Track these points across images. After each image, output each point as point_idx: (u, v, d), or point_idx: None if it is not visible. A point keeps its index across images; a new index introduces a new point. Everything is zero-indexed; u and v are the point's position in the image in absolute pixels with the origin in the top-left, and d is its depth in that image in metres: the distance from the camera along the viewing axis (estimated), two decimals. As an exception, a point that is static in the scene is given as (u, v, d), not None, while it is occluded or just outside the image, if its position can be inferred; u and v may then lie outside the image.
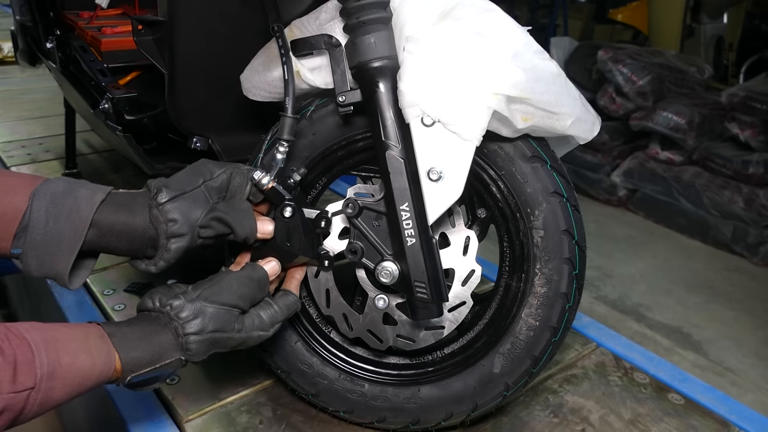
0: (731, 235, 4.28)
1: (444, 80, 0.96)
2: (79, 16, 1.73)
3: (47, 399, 0.76)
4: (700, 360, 3.43)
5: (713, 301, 3.93)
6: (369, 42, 0.99)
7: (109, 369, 0.84)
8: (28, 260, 0.86)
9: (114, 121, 1.30)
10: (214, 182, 0.97)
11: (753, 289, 4.04)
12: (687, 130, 4.43)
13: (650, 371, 1.40)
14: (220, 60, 1.19)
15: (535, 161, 1.06)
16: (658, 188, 4.57)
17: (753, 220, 4.18)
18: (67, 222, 0.86)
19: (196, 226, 0.93)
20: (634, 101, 4.67)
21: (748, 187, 4.22)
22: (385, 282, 1.04)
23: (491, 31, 0.98)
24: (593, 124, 1.04)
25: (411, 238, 1.00)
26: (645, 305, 3.83)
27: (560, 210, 1.07)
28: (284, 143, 1.02)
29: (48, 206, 0.85)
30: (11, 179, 0.87)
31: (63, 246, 0.86)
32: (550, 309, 1.08)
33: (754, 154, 4.26)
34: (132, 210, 0.91)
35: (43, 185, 0.87)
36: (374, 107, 1.00)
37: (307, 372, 1.17)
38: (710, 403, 1.32)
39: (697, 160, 4.50)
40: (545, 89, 0.98)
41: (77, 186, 0.89)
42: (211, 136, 1.27)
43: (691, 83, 4.89)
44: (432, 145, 0.97)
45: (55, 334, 0.79)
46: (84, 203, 0.87)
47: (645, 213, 4.71)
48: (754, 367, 3.44)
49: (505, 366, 1.10)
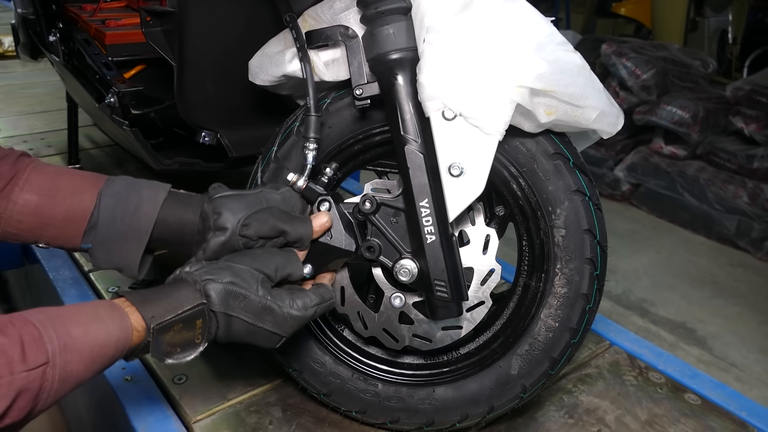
0: (735, 230, 4.26)
1: (466, 72, 0.93)
2: (82, 8, 1.69)
3: (67, 374, 0.72)
4: (704, 355, 3.42)
5: (717, 297, 3.91)
6: (387, 33, 0.95)
7: (126, 334, 0.80)
8: (98, 254, 0.94)
9: (120, 116, 1.26)
10: (275, 194, 0.97)
11: (757, 284, 4.02)
12: (691, 125, 4.39)
13: (665, 370, 1.38)
14: (230, 52, 1.16)
15: (558, 158, 1.03)
16: (662, 183, 4.53)
17: (757, 215, 4.15)
18: (132, 220, 0.92)
19: (239, 224, 0.92)
20: (638, 95, 4.63)
21: (752, 181, 4.19)
22: (404, 281, 1.01)
23: (514, 22, 0.95)
24: (617, 117, 1.01)
25: (431, 235, 0.97)
26: (649, 300, 3.81)
27: (582, 209, 1.04)
28: (312, 141, 1.00)
29: (115, 205, 0.92)
30: (78, 179, 0.95)
31: (130, 241, 0.93)
32: (570, 310, 1.05)
33: (759, 149, 4.23)
34: (186, 205, 0.96)
35: (109, 185, 0.94)
36: (393, 100, 0.97)
37: (320, 371, 1.14)
38: (727, 404, 1.30)
39: (701, 154, 4.47)
40: (570, 81, 0.95)
41: (140, 185, 0.95)
42: (220, 131, 1.23)
43: (695, 77, 4.85)
44: (453, 140, 0.94)
45: (60, 311, 0.77)
46: (148, 201, 0.93)
47: (648, 208, 4.68)
48: (759, 363, 3.43)
49: (522, 367, 1.08)
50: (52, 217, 0.92)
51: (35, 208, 0.91)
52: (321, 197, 1.00)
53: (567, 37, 4.25)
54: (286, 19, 1.04)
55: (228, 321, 0.87)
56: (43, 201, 0.92)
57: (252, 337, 0.90)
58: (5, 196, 0.91)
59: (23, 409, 0.69)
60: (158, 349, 0.83)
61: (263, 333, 0.90)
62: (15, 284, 2.59)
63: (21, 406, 0.68)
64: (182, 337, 0.84)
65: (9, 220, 0.92)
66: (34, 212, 0.91)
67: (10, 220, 0.92)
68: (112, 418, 1.29)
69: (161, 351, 0.83)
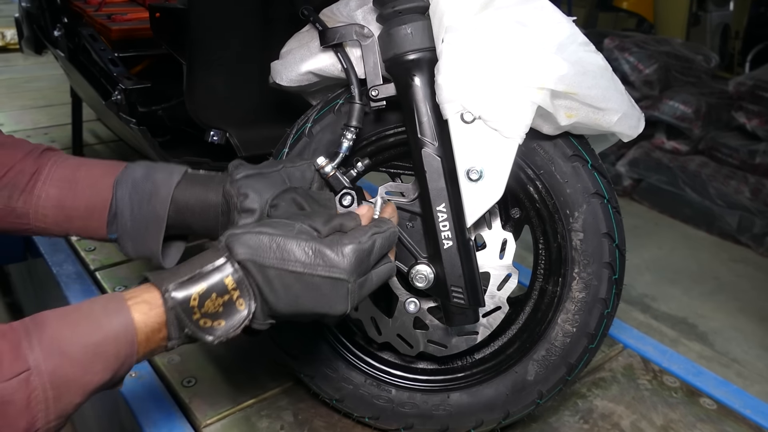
0: (737, 226, 4.25)
1: (485, 74, 0.91)
2: (87, 2, 1.66)
3: (60, 379, 0.65)
4: (705, 351, 3.40)
5: (719, 292, 3.90)
6: (405, 33, 0.93)
7: (127, 327, 0.70)
8: (125, 243, 0.92)
9: (127, 113, 1.24)
10: (296, 170, 0.92)
11: (759, 280, 4.02)
12: (693, 120, 4.37)
13: (679, 374, 1.36)
14: (241, 50, 1.13)
15: (576, 160, 1.01)
16: (664, 178, 4.52)
17: (759, 211, 4.13)
18: (149, 206, 0.90)
19: (267, 205, 0.86)
20: (641, 90, 4.60)
21: (754, 177, 4.17)
22: (420, 287, 0.99)
23: (535, 22, 0.93)
24: (639, 120, 0.99)
25: (448, 240, 0.95)
26: (650, 296, 3.80)
27: (601, 212, 1.02)
28: (352, 130, 0.96)
29: (131, 193, 0.90)
30: (97, 169, 0.93)
31: (150, 229, 0.90)
32: (588, 315, 1.04)
33: (761, 144, 4.21)
34: (207, 186, 0.92)
35: (124, 173, 0.92)
36: (410, 102, 0.95)
37: (332, 376, 1.12)
38: (743, 408, 1.28)
39: (704, 149, 4.45)
40: (592, 83, 0.92)
41: (155, 170, 0.92)
42: (230, 130, 1.21)
43: (697, 72, 4.82)
44: (472, 144, 0.92)
45: (53, 313, 0.69)
46: (162, 186, 0.90)
47: (650, 203, 4.66)
48: (760, 358, 3.42)
49: (539, 373, 1.06)
50: (74, 208, 0.91)
51: (57, 201, 0.91)
52: (345, 190, 0.95)
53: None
54: (304, 13, 1.01)
55: (266, 274, 0.73)
56: (64, 193, 0.91)
57: (311, 294, 0.75)
58: (30, 191, 0.91)
59: (19, 421, 0.62)
60: (194, 324, 0.72)
61: (321, 285, 0.75)
62: (17, 277, 2.57)
63: (12, 420, 0.62)
64: (218, 305, 0.72)
65: (36, 215, 0.92)
66: (57, 206, 0.91)
67: (36, 215, 0.92)
68: (120, 422, 1.27)
69: (198, 327, 0.72)
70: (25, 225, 0.94)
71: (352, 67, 0.97)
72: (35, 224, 0.93)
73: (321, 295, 0.76)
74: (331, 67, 1.03)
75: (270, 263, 0.73)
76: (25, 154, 0.93)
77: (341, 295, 0.77)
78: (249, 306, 0.74)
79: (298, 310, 0.76)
